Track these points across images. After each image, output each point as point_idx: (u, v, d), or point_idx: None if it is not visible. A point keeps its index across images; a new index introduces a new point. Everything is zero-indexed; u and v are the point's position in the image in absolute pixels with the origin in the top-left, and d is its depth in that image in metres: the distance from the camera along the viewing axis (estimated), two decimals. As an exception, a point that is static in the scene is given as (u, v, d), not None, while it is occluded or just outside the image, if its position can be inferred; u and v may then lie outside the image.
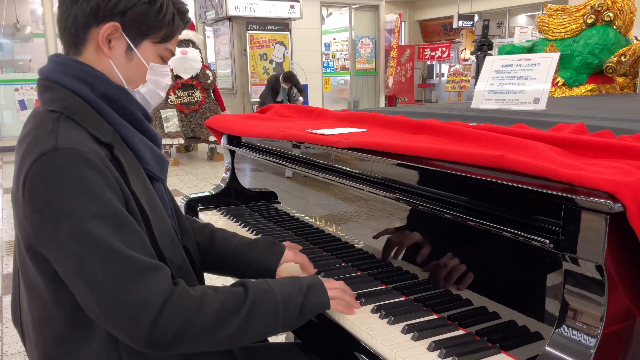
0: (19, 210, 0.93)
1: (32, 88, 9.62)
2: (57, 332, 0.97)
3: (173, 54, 1.12)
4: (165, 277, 0.92)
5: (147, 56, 1.06)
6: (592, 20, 4.13)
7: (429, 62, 16.39)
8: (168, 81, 1.13)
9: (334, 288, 1.11)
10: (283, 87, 8.57)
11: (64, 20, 1.01)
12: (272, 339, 1.82)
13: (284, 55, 10.58)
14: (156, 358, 1.01)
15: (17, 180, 0.92)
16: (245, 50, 10.24)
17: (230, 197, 2.12)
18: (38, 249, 0.91)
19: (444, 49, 15.21)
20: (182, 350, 0.93)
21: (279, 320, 1.00)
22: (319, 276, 1.29)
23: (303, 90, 9.01)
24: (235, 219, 1.87)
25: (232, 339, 0.96)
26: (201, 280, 1.24)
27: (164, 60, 1.10)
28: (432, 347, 0.97)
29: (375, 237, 1.35)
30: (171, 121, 7.55)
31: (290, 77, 8.66)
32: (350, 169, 1.42)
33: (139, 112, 1.07)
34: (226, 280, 2.87)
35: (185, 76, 7.55)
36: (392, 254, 1.29)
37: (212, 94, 8.08)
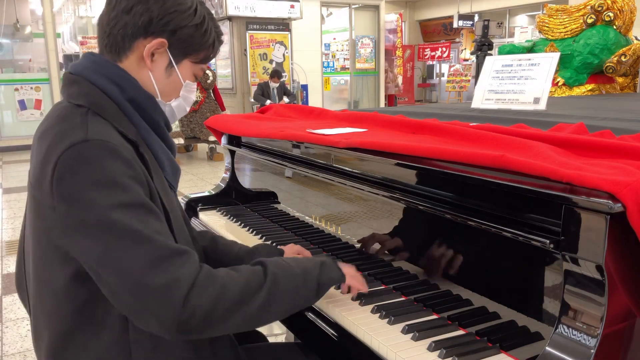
0: (42, 201, 0.93)
1: (32, 88, 9.62)
2: (66, 325, 0.98)
3: (199, 76, 1.16)
4: (192, 259, 0.92)
5: (184, 74, 1.10)
6: (592, 20, 4.13)
7: (429, 62, 16.39)
8: (194, 97, 1.17)
9: (348, 267, 1.17)
10: (272, 86, 8.56)
11: (111, 26, 1.02)
12: (272, 339, 1.82)
13: (284, 55, 10.58)
14: (168, 353, 1.01)
15: (41, 172, 0.92)
16: (245, 50, 10.24)
17: (230, 197, 2.12)
18: (59, 243, 0.92)
19: (444, 49, 15.21)
20: (212, 331, 0.93)
21: (301, 293, 1.03)
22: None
23: (291, 93, 9.04)
24: (235, 219, 1.87)
25: (260, 316, 0.97)
26: None
27: (195, 78, 1.14)
28: (432, 347, 0.97)
29: (374, 237, 1.35)
30: (171, 121, 7.55)
31: (276, 72, 8.68)
32: (350, 169, 1.42)
33: (162, 121, 1.10)
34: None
35: (186, 76, 7.55)
36: (392, 254, 1.29)
37: (212, 94, 8.08)
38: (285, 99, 8.60)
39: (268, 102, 8.36)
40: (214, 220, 1.90)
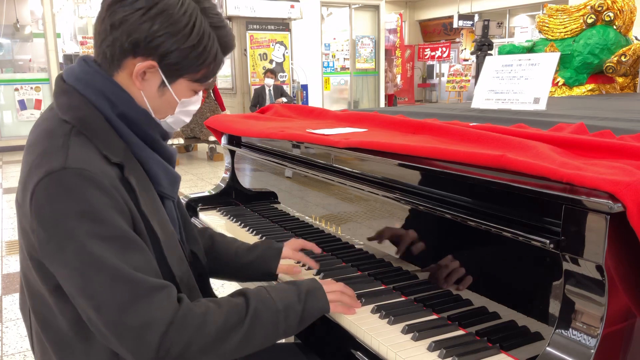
0: (24, 220, 0.93)
1: (32, 88, 9.61)
2: (60, 337, 0.97)
3: (201, 92, 1.08)
4: (170, 297, 0.91)
5: (179, 92, 1.02)
6: (592, 20, 4.13)
7: (429, 62, 16.39)
8: (196, 108, 1.09)
9: (333, 291, 1.11)
10: (268, 83, 8.54)
11: (101, 39, 0.96)
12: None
13: (284, 55, 10.58)
14: None
15: (23, 191, 0.91)
16: (245, 50, 10.23)
17: (230, 197, 2.12)
18: (42, 261, 0.91)
19: (444, 49, 15.21)
20: None
21: (280, 328, 1.01)
22: (318, 277, 1.30)
23: (288, 95, 9.03)
24: (235, 219, 1.87)
25: (236, 351, 0.96)
26: (208, 285, 1.24)
27: (195, 93, 1.06)
28: (432, 347, 0.97)
29: (374, 238, 1.35)
30: (171, 121, 7.54)
31: (270, 70, 8.68)
32: (350, 169, 1.42)
33: (158, 134, 1.04)
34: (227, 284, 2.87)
35: (185, 76, 7.54)
36: (392, 254, 1.29)
37: (212, 94, 8.07)
38: (283, 100, 8.58)
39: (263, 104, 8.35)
40: (214, 220, 1.90)
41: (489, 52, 7.96)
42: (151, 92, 1.00)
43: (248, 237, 1.69)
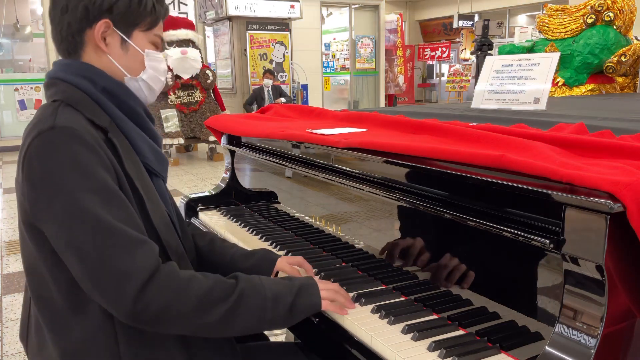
0: (18, 190, 0.99)
1: (32, 88, 9.62)
2: (54, 309, 1.00)
3: (162, 40, 1.19)
4: (152, 252, 0.95)
5: (140, 44, 1.13)
6: (592, 20, 4.13)
7: (429, 62, 16.39)
8: (164, 66, 1.19)
9: (327, 289, 1.12)
10: (266, 84, 8.55)
11: (59, 32, 1.08)
12: (272, 339, 1.82)
13: (284, 55, 10.58)
14: (153, 340, 1.02)
15: (19, 158, 0.98)
16: (245, 50, 10.23)
17: (230, 197, 2.12)
18: (35, 224, 0.96)
19: (444, 49, 15.21)
20: (164, 329, 0.96)
21: (267, 316, 1.02)
22: (317, 278, 1.29)
23: (287, 95, 9.04)
24: (235, 219, 1.87)
25: (216, 328, 0.98)
26: None
27: (156, 47, 1.17)
28: (432, 347, 0.97)
29: (374, 238, 1.35)
30: (171, 121, 7.55)
31: (268, 70, 8.69)
32: (350, 169, 1.42)
33: (139, 107, 1.13)
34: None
35: (185, 76, 7.55)
36: (392, 254, 1.29)
37: (212, 94, 8.07)
38: (282, 100, 8.58)
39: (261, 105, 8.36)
40: (214, 221, 1.90)
41: (489, 52, 7.96)
42: (117, 52, 1.10)
43: (248, 237, 1.69)
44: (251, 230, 1.74)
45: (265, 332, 1.59)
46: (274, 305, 1.02)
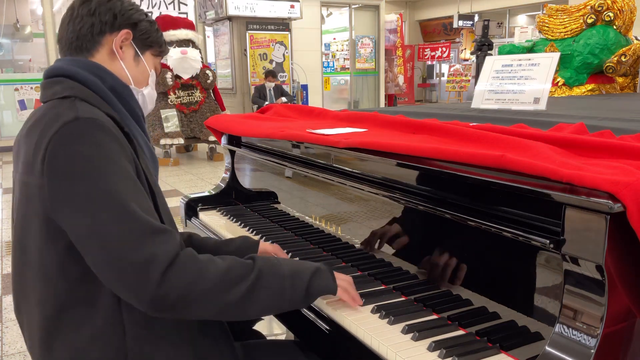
0: (32, 184, 0.96)
1: (32, 88, 9.61)
2: (59, 306, 0.99)
3: (157, 72, 1.28)
4: (173, 239, 0.96)
5: (148, 64, 1.22)
6: (592, 20, 4.13)
7: (429, 62, 16.39)
8: (154, 93, 1.28)
9: (343, 279, 1.15)
10: (268, 86, 8.57)
11: (78, 30, 1.11)
12: (271, 338, 1.82)
13: (284, 55, 10.58)
14: (158, 335, 1.02)
15: (33, 157, 0.96)
16: (245, 50, 10.23)
17: (230, 197, 2.12)
18: (51, 216, 0.95)
19: (444, 49, 15.21)
20: (187, 313, 0.95)
21: (286, 294, 1.03)
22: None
23: (289, 95, 9.06)
24: (235, 219, 1.87)
25: (239, 307, 0.98)
26: None
27: (156, 70, 1.26)
28: (432, 347, 0.97)
29: (374, 237, 1.35)
30: (171, 121, 7.55)
31: (270, 72, 8.71)
32: (350, 169, 1.42)
33: (139, 110, 1.18)
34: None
35: (185, 76, 7.55)
36: (392, 254, 1.29)
37: (212, 94, 8.07)
38: (283, 99, 8.60)
39: (266, 103, 8.37)
40: (214, 221, 1.90)
41: (489, 52, 7.96)
42: (129, 62, 1.17)
43: (248, 237, 1.69)
44: (251, 230, 1.74)
45: (265, 332, 1.59)
46: (292, 284, 1.04)
